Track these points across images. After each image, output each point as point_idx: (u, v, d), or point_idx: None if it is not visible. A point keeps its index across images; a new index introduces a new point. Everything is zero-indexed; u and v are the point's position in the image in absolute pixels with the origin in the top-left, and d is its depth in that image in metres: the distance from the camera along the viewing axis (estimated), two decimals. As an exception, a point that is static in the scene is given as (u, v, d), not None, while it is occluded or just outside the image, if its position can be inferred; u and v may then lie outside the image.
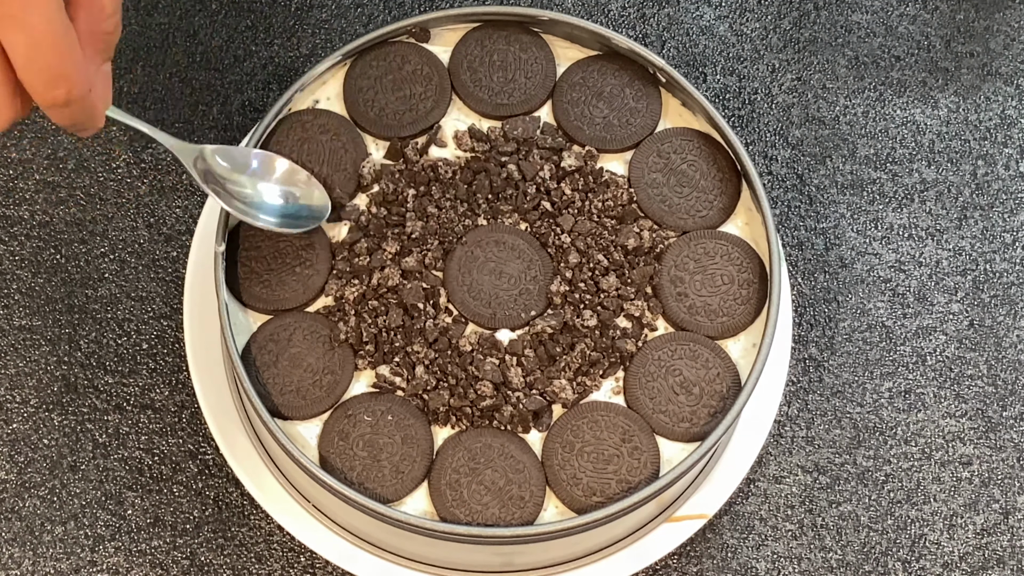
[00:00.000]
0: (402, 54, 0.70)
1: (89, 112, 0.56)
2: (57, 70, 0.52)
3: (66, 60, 0.53)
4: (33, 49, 0.52)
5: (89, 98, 0.55)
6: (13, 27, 0.51)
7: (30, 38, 0.51)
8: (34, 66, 0.52)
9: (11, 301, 0.74)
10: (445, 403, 0.63)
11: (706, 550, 0.72)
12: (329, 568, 0.70)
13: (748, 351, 0.65)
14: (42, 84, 0.53)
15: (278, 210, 0.65)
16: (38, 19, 0.51)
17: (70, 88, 0.53)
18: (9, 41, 0.51)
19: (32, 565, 0.70)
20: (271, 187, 0.66)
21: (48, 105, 0.54)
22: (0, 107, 0.53)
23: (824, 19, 0.84)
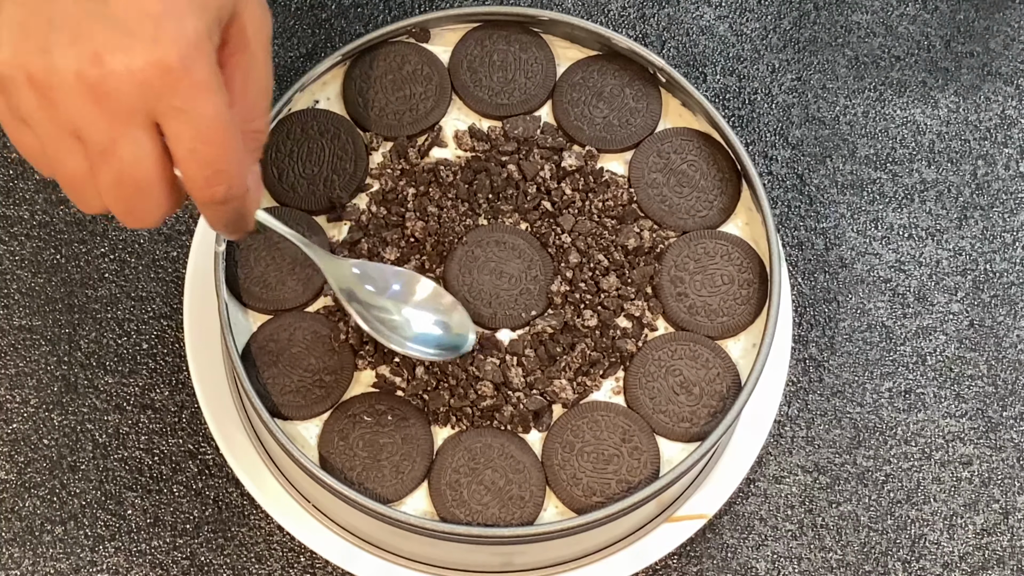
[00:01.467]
0: (402, 54, 0.70)
1: (243, 212, 0.55)
2: (220, 165, 0.51)
3: (229, 155, 0.52)
4: (198, 142, 0.51)
5: (246, 197, 0.54)
6: (180, 119, 0.50)
7: (196, 131, 0.50)
8: (197, 159, 0.51)
9: (11, 301, 0.74)
10: (445, 403, 0.63)
11: (706, 550, 0.72)
12: (329, 568, 0.70)
13: (748, 351, 0.65)
14: (203, 178, 0.52)
15: (433, 340, 0.63)
16: (205, 112, 0.50)
17: (230, 185, 0.52)
18: (174, 133, 0.50)
19: (32, 565, 0.70)
20: (420, 314, 0.63)
21: (206, 201, 0.53)
22: (156, 202, 0.52)
23: (824, 19, 0.84)
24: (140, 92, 0.49)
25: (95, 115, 0.50)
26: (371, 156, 0.68)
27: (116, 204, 0.53)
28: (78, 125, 0.50)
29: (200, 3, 0.50)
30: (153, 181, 0.51)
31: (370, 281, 0.63)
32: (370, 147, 0.68)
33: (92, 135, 0.50)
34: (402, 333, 0.63)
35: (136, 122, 0.50)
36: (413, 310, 0.63)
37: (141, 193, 0.52)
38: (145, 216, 0.53)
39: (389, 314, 0.63)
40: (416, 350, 0.62)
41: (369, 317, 0.62)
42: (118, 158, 0.51)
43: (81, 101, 0.49)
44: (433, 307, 0.64)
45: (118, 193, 0.52)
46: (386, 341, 0.62)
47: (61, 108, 0.50)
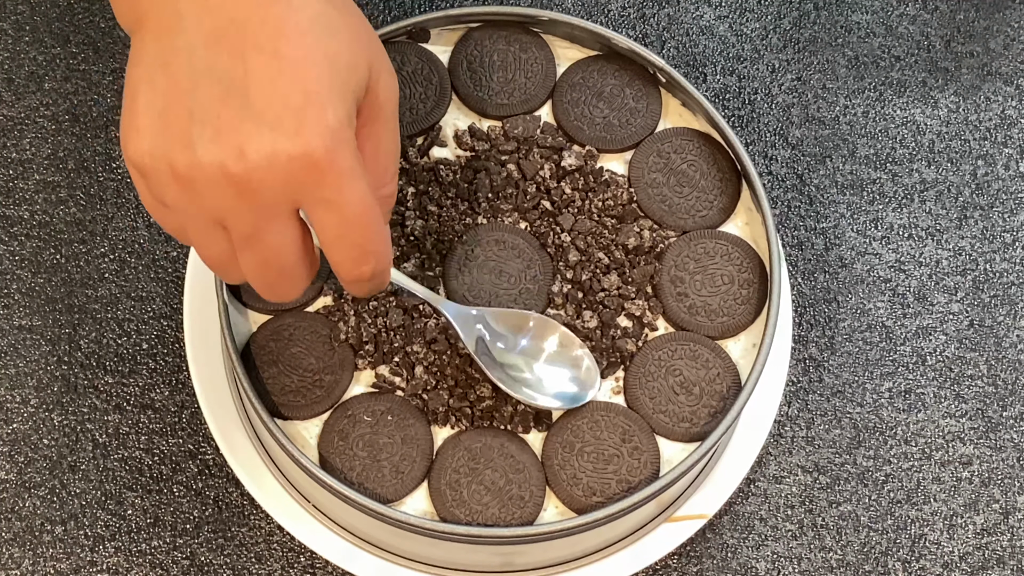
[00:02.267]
0: (402, 54, 0.70)
1: (385, 280, 0.55)
2: (368, 247, 0.52)
3: (376, 237, 0.52)
4: (346, 229, 0.51)
5: (389, 267, 0.55)
6: (325, 207, 0.50)
7: (342, 218, 0.51)
8: (344, 244, 0.52)
9: (11, 301, 0.74)
10: (445, 403, 0.63)
11: (706, 550, 0.72)
12: (329, 568, 0.70)
13: (748, 351, 0.65)
14: (351, 261, 0.52)
15: (567, 397, 0.63)
16: (350, 200, 0.50)
17: (377, 262, 0.53)
18: (321, 221, 0.51)
19: (32, 565, 0.70)
20: (553, 370, 0.63)
21: (352, 279, 0.53)
22: (300, 278, 0.53)
23: (824, 19, 0.84)
24: (285, 185, 0.49)
25: (240, 207, 0.50)
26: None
27: (258, 281, 0.53)
28: (222, 216, 0.50)
29: (340, 90, 0.50)
30: (296, 264, 0.52)
31: (499, 338, 0.63)
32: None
33: (236, 225, 0.51)
34: (537, 390, 0.63)
35: (281, 212, 0.50)
36: (544, 366, 0.63)
37: (284, 275, 0.53)
38: (288, 292, 0.54)
39: (521, 372, 0.63)
40: (549, 403, 0.63)
41: (503, 375, 0.62)
42: (263, 246, 0.51)
43: (226, 194, 0.49)
44: (564, 362, 0.63)
45: (262, 275, 0.53)
46: (515, 393, 0.62)
47: (206, 200, 0.50)
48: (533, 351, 0.63)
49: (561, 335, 0.63)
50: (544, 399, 0.62)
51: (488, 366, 0.62)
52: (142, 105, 0.50)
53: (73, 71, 0.79)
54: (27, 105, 0.78)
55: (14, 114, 0.78)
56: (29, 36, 0.80)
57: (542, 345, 0.63)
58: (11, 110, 0.78)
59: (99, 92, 0.79)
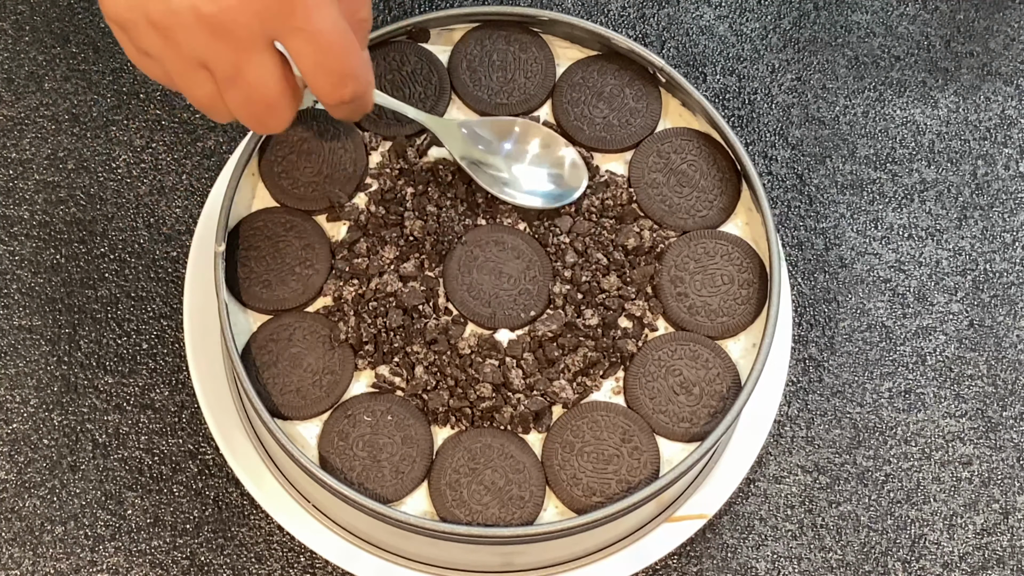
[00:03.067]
0: (402, 54, 0.70)
1: (367, 102, 0.58)
2: (345, 71, 0.54)
3: (352, 60, 0.54)
4: (321, 55, 0.53)
5: (369, 89, 0.57)
6: (300, 37, 0.53)
7: (317, 45, 0.53)
8: (323, 70, 0.54)
9: (11, 301, 0.74)
10: (444, 403, 0.63)
11: (706, 550, 0.72)
12: (329, 568, 0.70)
13: (748, 351, 0.65)
14: (331, 85, 0.55)
15: (544, 194, 0.66)
16: (322, 27, 0.53)
17: (356, 85, 0.55)
18: (296, 50, 0.53)
19: (32, 565, 0.70)
20: (532, 170, 0.66)
21: (335, 103, 0.56)
22: (285, 109, 0.55)
23: (824, 19, 0.84)
24: (258, 19, 0.52)
25: (218, 47, 0.52)
26: (370, 156, 0.68)
27: (246, 118, 0.56)
28: (203, 58, 0.53)
29: None
30: (280, 95, 0.55)
31: (481, 141, 0.65)
32: (369, 147, 0.68)
33: (217, 65, 0.53)
34: (515, 187, 0.65)
35: (257, 47, 0.53)
36: (525, 167, 0.66)
37: (269, 107, 0.55)
38: (275, 124, 0.56)
39: (500, 172, 0.65)
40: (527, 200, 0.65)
41: (482, 173, 0.65)
42: (245, 82, 0.54)
43: (202, 36, 0.52)
44: (546, 162, 0.66)
45: (248, 110, 0.55)
46: (498, 193, 0.65)
47: (184, 45, 0.52)
48: (516, 154, 0.66)
49: (544, 136, 0.66)
50: (523, 197, 0.65)
51: (472, 169, 0.64)
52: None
53: (73, 71, 0.79)
54: (27, 105, 0.78)
55: (14, 114, 0.78)
56: (29, 36, 0.80)
57: (525, 148, 0.66)
58: (11, 110, 0.78)
59: (99, 92, 0.79)
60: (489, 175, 0.65)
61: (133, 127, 0.78)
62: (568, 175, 0.66)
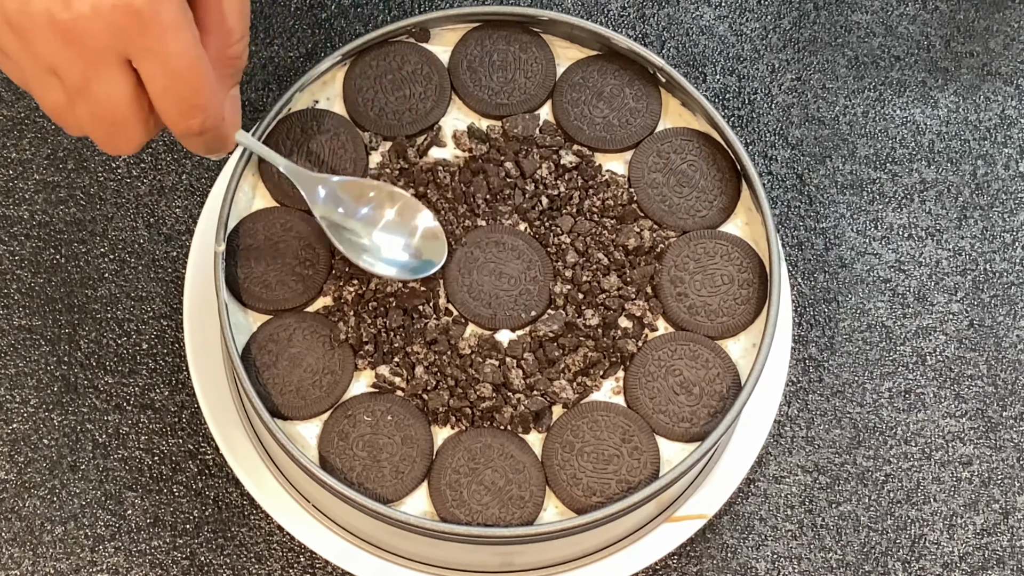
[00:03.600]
0: (402, 54, 0.70)
1: (221, 138, 0.57)
2: (193, 100, 0.54)
3: (202, 91, 0.54)
4: (170, 80, 0.53)
5: (222, 125, 0.56)
6: (151, 59, 0.52)
7: (167, 70, 0.52)
8: (170, 96, 0.53)
9: (11, 301, 0.74)
10: (445, 403, 0.63)
11: (706, 550, 0.72)
12: (329, 568, 0.70)
13: (748, 351, 0.65)
14: (178, 114, 0.54)
15: (400, 265, 0.64)
16: (175, 51, 0.52)
17: (205, 117, 0.55)
18: (146, 71, 0.53)
19: (32, 565, 0.70)
20: (390, 238, 0.64)
21: (182, 133, 0.55)
22: (133, 131, 0.55)
23: (824, 19, 0.84)
24: (109, 34, 0.51)
25: (68, 55, 0.52)
26: (370, 156, 0.68)
27: (94, 134, 0.55)
28: (53, 63, 0.52)
29: None
30: (127, 115, 0.54)
31: (340, 203, 0.64)
32: (369, 147, 0.68)
33: (67, 73, 0.52)
34: (373, 255, 0.64)
35: (108, 62, 0.52)
36: (382, 234, 0.64)
37: (116, 126, 0.54)
38: (123, 145, 0.55)
39: (359, 237, 0.64)
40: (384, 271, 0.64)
41: (342, 238, 0.63)
42: (92, 95, 0.53)
43: (54, 42, 0.51)
44: (403, 231, 0.65)
45: (95, 125, 0.54)
46: (356, 259, 0.63)
47: (37, 47, 0.52)
48: (373, 219, 0.65)
49: (403, 205, 0.65)
50: (381, 266, 0.64)
51: (332, 233, 0.63)
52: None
53: (73, 71, 0.79)
54: (27, 105, 0.78)
55: (14, 114, 0.78)
56: (29, 36, 0.80)
57: (381, 213, 0.65)
58: (11, 110, 0.78)
59: (99, 92, 0.79)
60: (348, 240, 0.64)
61: (133, 127, 0.78)
62: (419, 243, 0.64)
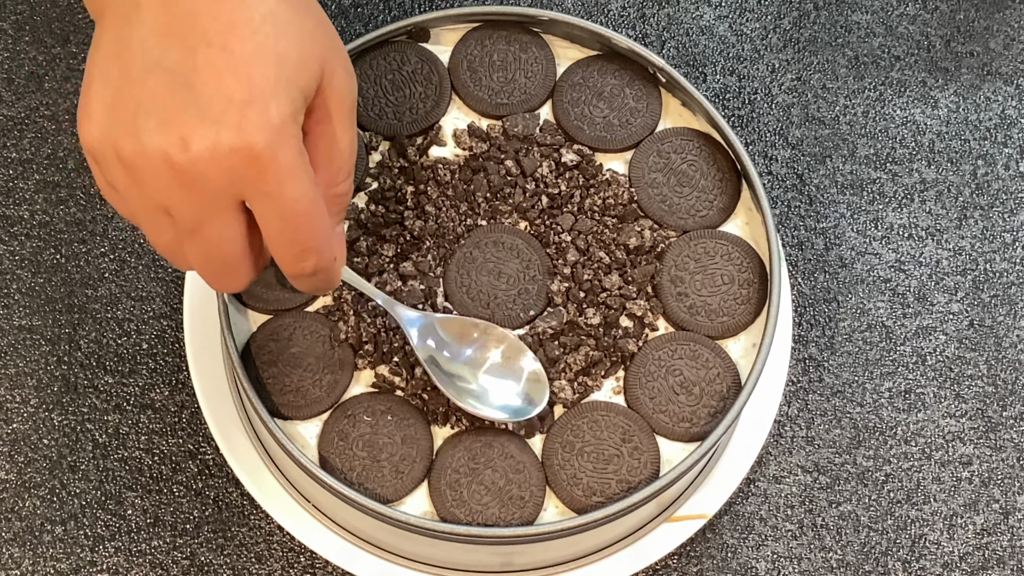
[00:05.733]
0: (402, 54, 0.70)
1: (331, 278, 0.56)
2: (308, 244, 0.53)
3: (317, 233, 0.53)
4: (286, 224, 0.52)
5: (333, 266, 0.55)
6: (267, 202, 0.51)
7: (284, 214, 0.51)
8: (285, 239, 0.52)
9: (11, 301, 0.74)
10: (445, 403, 0.63)
11: (706, 550, 0.72)
12: (329, 568, 0.70)
13: (748, 351, 0.65)
14: (292, 257, 0.53)
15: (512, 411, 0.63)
16: (292, 195, 0.51)
17: (319, 259, 0.54)
18: (262, 214, 0.51)
19: (32, 565, 0.70)
20: (497, 382, 0.63)
21: (295, 275, 0.54)
22: (243, 270, 0.54)
23: (824, 19, 0.84)
24: (226, 177, 0.50)
25: (182, 197, 0.51)
26: (370, 155, 0.68)
27: (204, 272, 0.54)
28: (166, 204, 0.51)
29: (286, 87, 0.50)
30: (239, 258, 0.53)
31: (446, 347, 0.63)
32: (370, 146, 0.68)
33: (180, 214, 0.51)
34: (482, 401, 0.62)
35: (223, 204, 0.51)
36: (489, 378, 0.63)
37: (227, 268, 0.53)
38: (232, 285, 0.55)
39: (467, 383, 0.63)
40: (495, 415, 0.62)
41: (450, 384, 0.62)
42: (205, 237, 0.52)
43: (169, 183, 0.50)
44: (508, 373, 0.63)
45: (206, 266, 0.54)
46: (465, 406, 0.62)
47: (150, 187, 0.51)
48: (477, 361, 0.63)
49: (507, 346, 0.63)
50: (488, 411, 0.62)
51: (436, 375, 0.62)
52: (95, 93, 0.51)
53: (73, 71, 0.79)
54: (27, 105, 0.78)
55: (14, 114, 0.78)
56: (29, 36, 0.80)
57: (486, 355, 0.63)
58: (11, 110, 0.78)
59: (99, 92, 0.79)
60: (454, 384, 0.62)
61: (133, 127, 0.78)
62: (528, 389, 0.63)
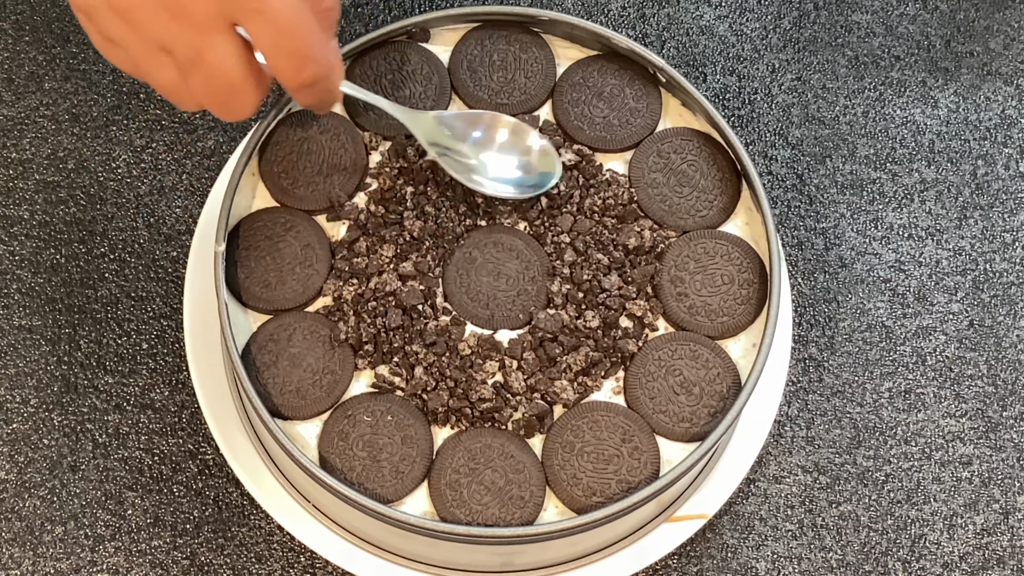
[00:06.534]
0: (402, 54, 0.70)
1: (330, 88, 0.58)
2: (304, 52, 0.55)
3: (311, 41, 0.55)
4: (279, 36, 0.54)
5: (332, 74, 0.58)
6: (258, 19, 0.53)
7: (275, 26, 0.54)
8: (282, 52, 0.54)
9: (11, 301, 0.74)
10: (444, 404, 0.63)
11: (706, 550, 0.72)
12: (329, 568, 0.70)
13: (748, 351, 0.65)
14: (291, 68, 0.55)
15: (513, 181, 0.66)
16: (280, 7, 0.53)
17: (316, 68, 0.56)
18: (255, 32, 0.54)
19: (32, 565, 0.70)
20: (500, 157, 0.66)
21: (296, 87, 0.56)
22: (248, 94, 0.56)
23: (824, 19, 0.84)
24: (215, 2, 0.52)
25: (177, 30, 0.53)
26: (370, 155, 0.68)
27: (211, 103, 0.56)
28: (163, 41, 0.54)
29: None
30: (241, 79, 0.55)
31: (449, 128, 0.65)
32: (369, 147, 0.68)
33: (178, 48, 0.54)
34: (482, 174, 0.65)
35: (216, 29, 0.53)
36: (493, 154, 0.66)
37: (232, 91, 0.55)
38: (240, 109, 0.57)
39: (467, 158, 0.65)
40: (496, 188, 0.65)
41: (450, 160, 0.65)
42: (206, 65, 0.54)
43: (162, 19, 0.53)
44: (515, 149, 0.66)
45: (211, 95, 0.56)
46: (466, 181, 0.64)
47: (145, 28, 0.53)
48: (484, 142, 0.66)
49: (514, 126, 0.66)
50: (491, 184, 0.65)
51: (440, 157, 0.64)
52: None
53: (73, 71, 0.79)
54: (27, 105, 0.78)
55: (14, 114, 0.78)
56: (29, 36, 0.80)
57: (493, 136, 0.66)
58: (11, 110, 0.78)
59: (99, 92, 0.79)
60: (456, 161, 0.65)
61: (133, 127, 0.78)
62: (537, 161, 0.66)
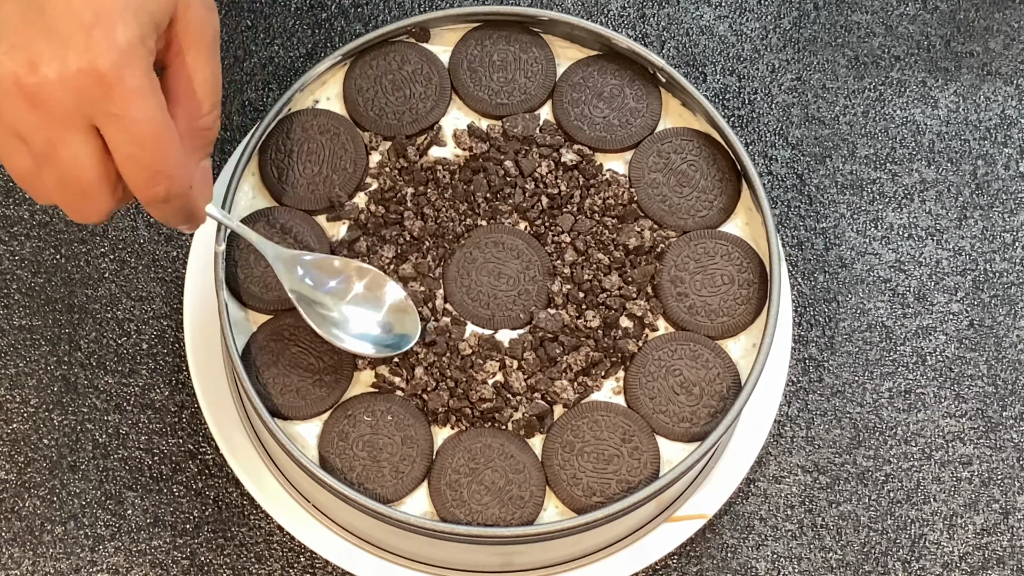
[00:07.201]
0: (402, 54, 0.70)
1: (189, 209, 0.57)
2: (158, 167, 0.53)
3: (167, 158, 0.53)
4: (133, 146, 0.53)
5: (189, 195, 0.56)
6: (115, 124, 0.52)
7: (131, 135, 0.52)
8: (134, 163, 0.53)
9: (11, 301, 0.74)
10: (445, 404, 0.63)
11: (706, 550, 0.72)
12: (329, 568, 0.70)
13: (748, 351, 0.65)
14: (143, 180, 0.54)
15: (372, 339, 0.63)
16: (139, 117, 0.52)
17: (170, 185, 0.54)
18: (111, 137, 0.52)
19: (32, 565, 0.70)
20: (359, 311, 0.64)
21: (147, 200, 0.55)
22: (100, 198, 0.54)
23: (824, 19, 0.84)
24: (75, 99, 0.51)
25: (34, 120, 0.52)
26: (370, 156, 0.68)
27: (61, 201, 0.55)
28: (19, 128, 0.52)
29: (134, 11, 0.52)
30: (94, 182, 0.54)
31: (311, 277, 0.63)
32: (369, 147, 0.68)
33: (33, 138, 0.52)
34: (344, 329, 0.63)
35: (74, 126, 0.52)
36: (351, 307, 0.64)
37: (83, 193, 0.54)
38: (90, 213, 0.55)
39: (328, 310, 0.63)
40: (356, 346, 0.63)
41: (311, 312, 0.63)
42: (59, 160, 0.53)
43: (20, 106, 0.52)
44: (372, 304, 0.64)
45: (62, 193, 0.54)
46: (326, 335, 0.62)
47: (3, 111, 0.52)
48: (341, 292, 0.64)
49: (372, 278, 0.64)
50: (351, 341, 0.63)
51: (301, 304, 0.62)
52: None
53: (73, 71, 0.79)
54: (27, 105, 0.78)
55: (14, 114, 0.78)
56: (29, 36, 0.80)
57: (350, 286, 0.64)
58: (11, 110, 0.78)
59: (99, 92, 0.79)
60: (318, 314, 0.63)
61: (133, 127, 0.78)
62: (394, 319, 0.64)
